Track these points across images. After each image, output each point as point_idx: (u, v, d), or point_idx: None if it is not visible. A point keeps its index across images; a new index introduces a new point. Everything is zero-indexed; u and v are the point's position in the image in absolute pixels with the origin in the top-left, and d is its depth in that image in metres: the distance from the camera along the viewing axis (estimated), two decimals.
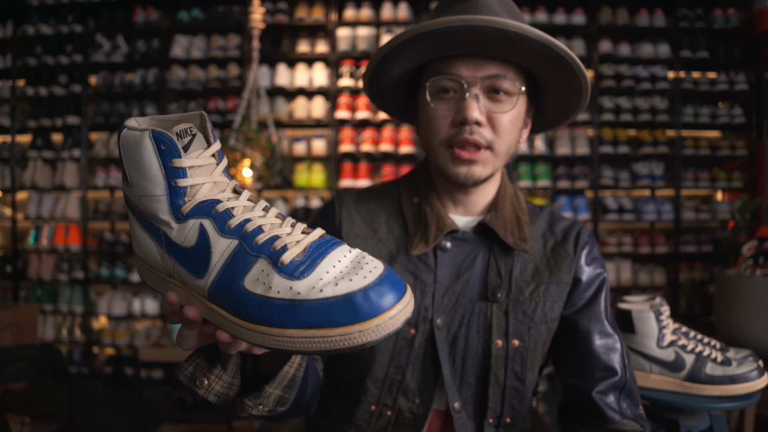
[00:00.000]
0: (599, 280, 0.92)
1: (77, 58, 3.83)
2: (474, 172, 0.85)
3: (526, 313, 0.87)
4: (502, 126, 0.83)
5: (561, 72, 0.85)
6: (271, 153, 3.19)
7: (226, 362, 0.64)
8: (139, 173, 0.51)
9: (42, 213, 3.86)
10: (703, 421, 1.18)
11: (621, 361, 0.87)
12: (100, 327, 3.94)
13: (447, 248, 0.89)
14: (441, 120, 0.85)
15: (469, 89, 0.82)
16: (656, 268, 3.81)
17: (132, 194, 0.53)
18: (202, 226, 0.50)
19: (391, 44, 0.83)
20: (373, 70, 0.89)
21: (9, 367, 1.95)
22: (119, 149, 0.52)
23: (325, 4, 3.79)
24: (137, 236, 0.55)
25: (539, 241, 0.93)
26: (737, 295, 1.80)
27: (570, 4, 3.76)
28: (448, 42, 0.80)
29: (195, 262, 0.50)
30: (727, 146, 3.75)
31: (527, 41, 0.78)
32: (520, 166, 3.75)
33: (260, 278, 0.47)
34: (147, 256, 0.54)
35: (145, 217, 0.53)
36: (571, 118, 0.96)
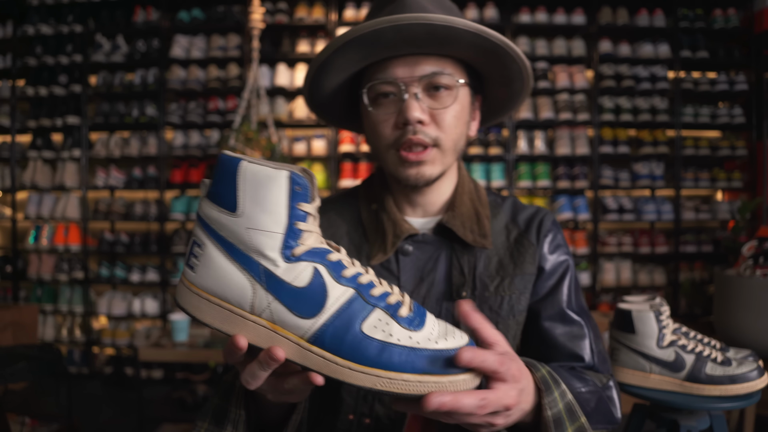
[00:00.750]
0: (563, 267, 0.91)
1: (77, 58, 3.83)
2: (424, 172, 0.84)
3: (493, 308, 0.86)
4: (446, 122, 0.83)
5: (498, 60, 0.84)
6: (271, 153, 3.19)
7: (236, 423, 0.65)
8: (258, 206, 0.52)
9: (42, 213, 3.86)
10: (703, 421, 1.18)
11: (588, 347, 0.86)
12: (100, 327, 3.94)
13: (409, 252, 0.88)
14: (383, 124, 0.83)
15: (408, 89, 0.81)
16: (656, 268, 3.81)
17: (230, 223, 0.52)
18: (317, 270, 0.52)
19: (322, 55, 0.81)
20: (311, 83, 0.87)
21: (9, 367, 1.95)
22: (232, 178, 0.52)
23: (325, 4, 3.79)
24: (216, 267, 0.53)
25: (502, 234, 0.92)
26: (737, 295, 1.80)
27: (570, 4, 3.76)
28: (380, 45, 0.79)
29: (305, 302, 0.51)
30: (727, 146, 3.75)
31: (457, 33, 0.77)
32: (520, 166, 3.75)
33: (379, 326, 0.51)
34: (224, 289, 0.53)
35: (243, 249, 0.53)
36: (518, 105, 0.96)
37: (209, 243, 0.54)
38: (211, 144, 3.75)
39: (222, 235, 0.53)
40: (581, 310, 0.90)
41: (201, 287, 0.54)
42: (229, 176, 0.52)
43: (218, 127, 3.81)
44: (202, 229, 0.54)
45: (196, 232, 0.55)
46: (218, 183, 0.53)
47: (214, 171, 0.55)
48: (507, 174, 3.72)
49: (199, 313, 0.54)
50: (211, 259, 0.53)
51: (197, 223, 0.56)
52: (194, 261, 0.54)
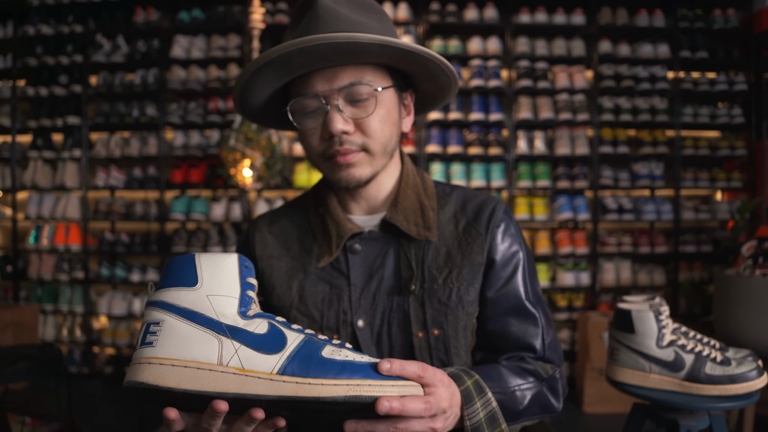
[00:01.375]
0: (516, 258, 0.91)
1: (78, 58, 3.83)
2: (354, 173, 0.86)
3: (441, 300, 0.87)
4: (371, 128, 0.84)
5: (415, 62, 0.85)
6: (271, 153, 3.20)
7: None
8: (216, 279, 0.62)
9: (42, 213, 3.86)
10: (703, 421, 1.19)
11: (540, 338, 0.88)
12: (100, 327, 3.95)
13: (357, 250, 0.91)
14: (311, 136, 0.86)
15: (329, 102, 0.82)
16: (656, 268, 3.81)
17: (195, 295, 0.61)
18: (272, 323, 0.62)
19: (241, 79, 0.84)
20: (240, 101, 0.90)
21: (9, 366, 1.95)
22: (189, 263, 0.63)
23: None
24: (178, 334, 0.59)
25: (450, 224, 0.93)
26: (736, 294, 1.80)
27: (570, 4, 3.77)
28: (292, 66, 0.81)
29: (269, 343, 0.59)
30: (727, 146, 3.76)
31: (363, 46, 0.78)
32: (520, 166, 3.76)
33: (334, 353, 0.60)
34: (190, 350, 0.58)
35: (203, 313, 0.60)
36: (450, 95, 0.96)
37: (168, 317, 0.60)
38: (212, 144, 3.76)
39: (183, 307, 0.60)
40: (537, 301, 0.91)
41: (164, 356, 0.58)
42: (187, 263, 0.63)
43: (218, 127, 3.81)
44: (158, 310, 0.61)
45: (149, 317, 0.61)
46: (175, 271, 0.63)
47: (165, 269, 0.64)
48: (507, 174, 3.72)
49: (162, 380, 0.57)
50: (172, 328, 0.59)
51: (150, 310, 0.61)
52: (152, 338, 0.59)
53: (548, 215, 3.76)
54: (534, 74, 3.72)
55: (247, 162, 3.13)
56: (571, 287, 3.68)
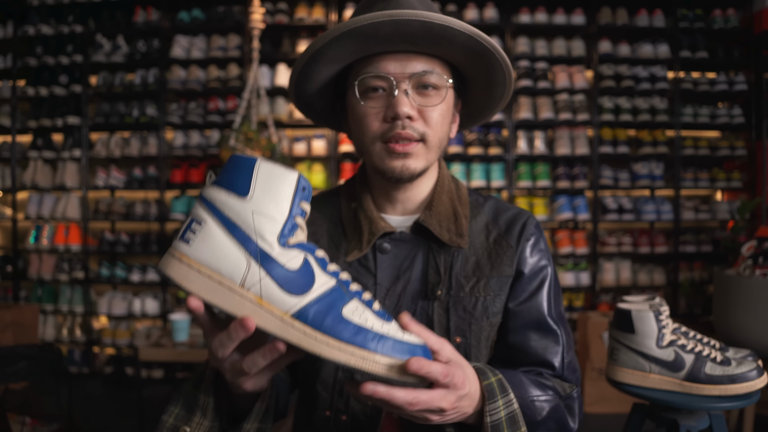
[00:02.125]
0: (543, 273, 0.91)
1: (78, 58, 3.83)
2: (409, 165, 0.85)
3: (467, 309, 0.86)
4: (434, 119, 0.84)
5: (485, 64, 0.86)
6: (271, 153, 3.19)
7: (205, 408, 0.67)
8: (268, 195, 0.59)
9: (42, 213, 3.86)
10: (703, 421, 1.19)
11: (560, 355, 0.88)
12: (100, 327, 3.95)
13: (386, 250, 0.89)
14: (372, 117, 0.84)
15: (399, 85, 0.82)
16: (656, 268, 3.81)
17: (241, 206, 0.58)
18: (307, 259, 0.59)
19: (317, 44, 0.81)
20: (299, 72, 0.88)
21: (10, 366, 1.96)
22: (248, 170, 0.59)
23: (325, 5, 3.79)
24: (214, 240, 0.58)
25: (481, 234, 0.92)
26: (736, 294, 1.80)
27: (570, 4, 3.77)
28: (374, 39, 0.80)
29: (294, 282, 0.57)
30: (727, 146, 3.76)
31: (452, 33, 0.79)
32: (520, 166, 3.76)
33: (356, 312, 0.58)
34: (219, 262, 0.57)
35: (244, 229, 0.58)
36: (495, 111, 0.97)
37: (210, 220, 0.58)
38: (212, 144, 3.76)
39: (226, 215, 0.58)
40: (560, 318, 0.90)
41: (195, 259, 0.57)
42: (245, 168, 0.59)
43: (218, 127, 3.82)
44: (204, 208, 0.59)
45: (196, 211, 0.59)
46: (232, 172, 0.59)
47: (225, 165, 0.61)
48: (507, 174, 3.72)
49: (186, 282, 0.57)
50: (210, 234, 0.58)
51: (199, 204, 0.60)
52: (190, 235, 0.58)
53: (548, 215, 3.76)
54: (534, 74, 3.72)
55: None
56: (571, 287, 3.68)
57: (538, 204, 3.74)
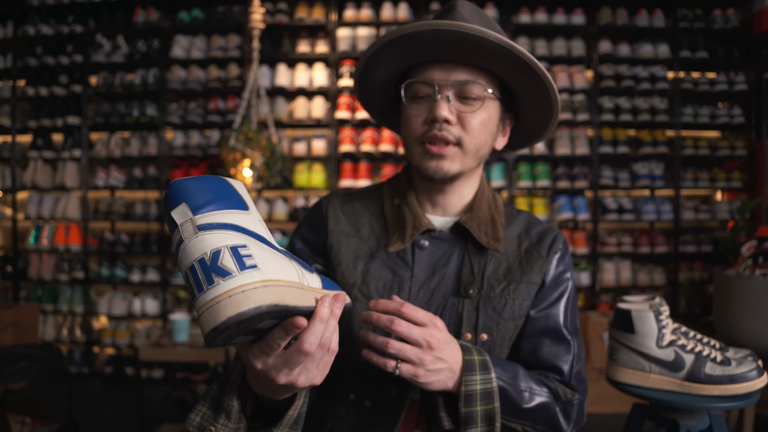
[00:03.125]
0: (564, 285, 0.96)
1: (78, 58, 3.83)
2: (443, 166, 0.90)
3: (496, 309, 0.91)
4: (471, 125, 0.89)
5: (527, 78, 0.90)
6: (271, 153, 3.19)
7: (229, 412, 0.70)
8: (251, 202, 0.61)
9: (42, 213, 3.86)
10: (703, 421, 1.19)
11: (569, 363, 0.92)
12: (100, 327, 3.95)
13: (425, 246, 0.95)
14: (415, 118, 0.91)
15: (441, 91, 0.88)
16: (656, 268, 3.81)
17: (249, 219, 0.58)
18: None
19: (370, 50, 0.90)
20: (360, 75, 0.96)
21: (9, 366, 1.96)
22: (235, 186, 0.60)
23: (325, 5, 3.79)
24: (270, 257, 0.56)
25: (514, 242, 0.98)
26: (736, 294, 1.80)
27: (570, 4, 3.77)
28: (419, 47, 0.87)
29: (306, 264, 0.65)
30: (727, 146, 3.76)
31: (489, 44, 0.83)
32: (520, 166, 3.76)
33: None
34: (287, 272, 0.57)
35: (265, 237, 0.59)
36: (549, 129, 1.00)
37: (249, 241, 0.54)
38: (212, 144, 3.76)
39: (251, 230, 0.56)
40: (574, 330, 0.95)
41: (276, 278, 0.54)
42: (226, 186, 0.58)
43: (218, 127, 3.82)
44: (232, 234, 0.54)
45: (225, 239, 0.53)
46: (220, 193, 0.57)
47: (199, 189, 0.56)
48: (507, 174, 3.72)
49: (286, 299, 0.54)
50: (260, 252, 0.54)
51: (220, 232, 0.54)
52: (249, 261, 0.53)
53: (548, 215, 3.75)
54: None
55: (247, 162, 3.13)
56: None
57: (538, 204, 3.74)
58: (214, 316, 0.49)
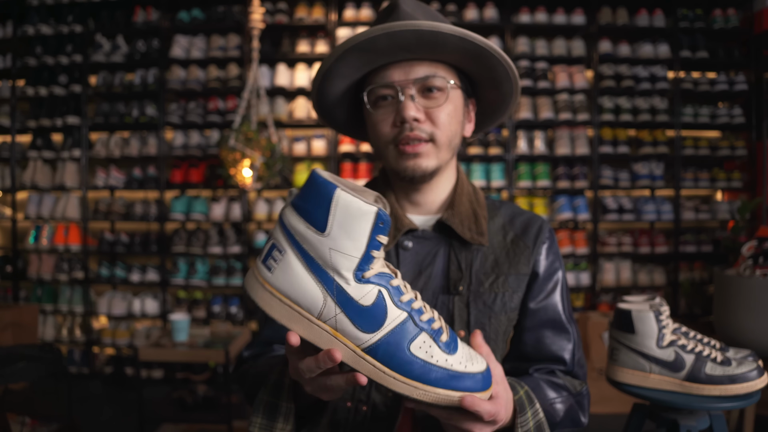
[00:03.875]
0: (557, 275, 0.97)
1: (77, 58, 3.83)
2: (420, 164, 0.90)
3: (486, 303, 0.92)
4: (440, 119, 0.89)
5: (485, 62, 0.90)
6: (271, 153, 3.19)
7: (287, 414, 0.74)
8: (344, 231, 0.59)
9: (42, 213, 3.86)
10: (703, 421, 1.18)
11: (571, 352, 0.94)
12: (100, 327, 3.95)
13: (408, 247, 0.94)
14: (383, 123, 0.90)
15: (404, 91, 0.88)
16: (656, 268, 3.81)
17: (319, 242, 0.60)
18: (381, 293, 0.61)
19: (326, 63, 0.89)
20: (318, 89, 0.94)
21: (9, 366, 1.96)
22: (327, 202, 0.59)
23: (325, 5, 3.79)
24: (294, 274, 0.60)
25: (499, 234, 0.97)
26: (737, 295, 1.80)
27: (570, 4, 3.77)
28: (375, 52, 0.86)
29: (367, 319, 0.60)
30: (727, 146, 3.76)
31: (443, 38, 0.83)
32: (520, 166, 3.76)
33: (423, 347, 0.61)
34: (298, 294, 0.60)
35: (322, 264, 0.60)
36: (509, 107, 1.01)
37: (290, 251, 0.61)
38: (211, 144, 3.76)
39: (305, 248, 0.60)
40: (571, 318, 0.97)
41: (276, 287, 0.61)
42: (323, 199, 0.59)
43: (218, 127, 3.81)
44: (285, 237, 0.61)
45: (277, 237, 0.62)
46: (310, 201, 0.60)
47: (305, 187, 0.61)
48: (507, 174, 3.72)
49: (269, 309, 0.61)
50: (290, 266, 0.60)
51: (280, 230, 0.62)
52: (272, 263, 0.61)
53: (548, 215, 3.75)
54: (534, 74, 3.72)
55: (247, 162, 3.13)
56: (572, 287, 3.68)
57: (538, 204, 3.74)
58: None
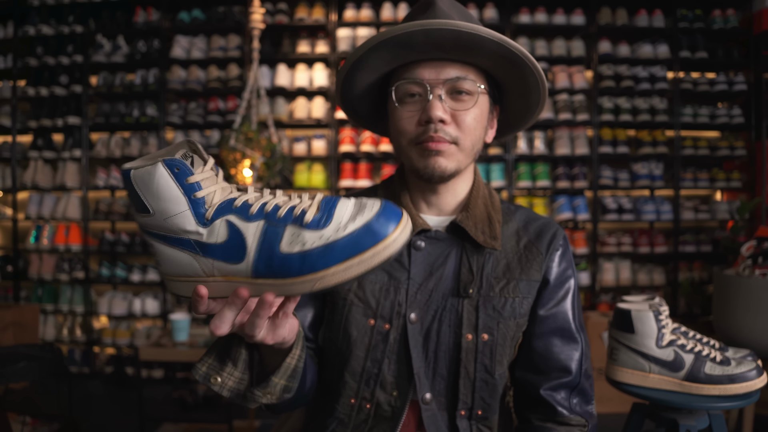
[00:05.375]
0: (569, 283, 0.97)
1: (78, 58, 3.83)
2: (440, 163, 0.88)
3: (496, 308, 0.91)
4: (466, 123, 0.88)
5: (517, 70, 0.89)
6: (271, 153, 3.20)
7: (236, 360, 0.72)
8: (159, 199, 0.59)
9: (43, 213, 3.86)
10: (702, 421, 1.19)
11: (578, 362, 0.94)
12: (100, 327, 3.95)
13: (421, 247, 0.93)
14: (408, 120, 0.89)
15: (433, 91, 0.87)
16: (655, 268, 3.82)
17: (154, 221, 0.61)
18: (229, 221, 0.60)
19: (358, 52, 0.87)
20: (344, 79, 0.93)
21: (10, 366, 1.96)
22: (132, 188, 0.60)
23: (325, 5, 3.79)
24: (166, 256, 0.62)
25: (512, 239, 0.97)
26: (736, 294, 1.81)
27: (569, 4, 3.77)
28: (409, 48, 0.85)
29: (232, 251, 0.60)
30: (726, 146, 3.76)
31: (481, 41, 0.83)
32: (520, 166, 3.76)
33: (293, 240, 0.58)
34: (180, 269, 0.62)
35: (173, 235, 0.61)
36: (534, 118, 1.00)
37: (154, 241, 0.62)
38: (212, 144, 3.76)
39: (154, 233, 0.62)
40: (581, 327, 0.97)
41: (168, 274, 0.64)
42: (128, 187, 0.60)
43: (218, 127, 3.82)
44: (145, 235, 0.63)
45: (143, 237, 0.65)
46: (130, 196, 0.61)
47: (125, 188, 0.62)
48: (506, 174, 3.73)
49: (179, 291, 0.64)
50: (161, 252, 0.62)
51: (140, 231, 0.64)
52: (157, 258, 0.63)
53: (548, 215, 3.76)
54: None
55: (247, 162, 3.14)
56: None
57: (538, 204, 3.74)
58: None
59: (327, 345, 0.96)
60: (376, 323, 0.90)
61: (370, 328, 0.91)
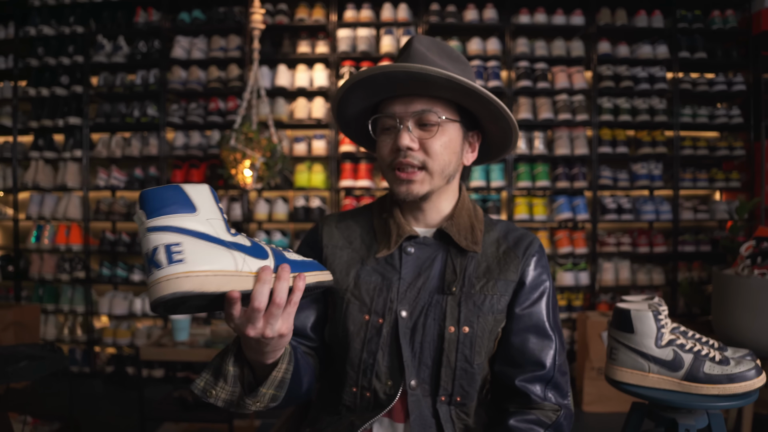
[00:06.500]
0: (543, 286, 1.07)
1: (79, 58, 3.84)
2: (412, 189, 1.02)
3: (476, 303, 1.02)
4: (433, 149, 1.00)
5: (476, 99, 0.99)
6: (271, 153, 3.20)
7: (227, 376, 0.84)
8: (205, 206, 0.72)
9: (44, 213, 3.87)
10: (701, 420, 1.19)
11: (552, 357, 1.03)
12: (101, 326, 3.96)
13: (410, 252, 1.07)
14: (384, 148, 1.04)
15: (402, 122, 1.00)
16: (655, 267, 3.82)
17: (196, 220, 0.70)
18: (249, 237, 0.77)
19: (338, 93, 1.03)
20: (336, 111, 1.08)
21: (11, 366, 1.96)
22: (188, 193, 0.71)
23: (325, 5, 3.80)
24: (203, 250, 0.69)
25: (493, 245, 1.09)
26: (735, 294, 1.81)
27: (569, 4, 3.78)
28: (378, 88, 1.00)
29: (258, 251, 0.75)
30: (726, 146, 3.77)
31: (434, 78, 0.94)
32: (520, 166, 3.77)
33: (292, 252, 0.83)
34: (215, 262, 0.69)
35: (211, 234, 0.71)
36: (512, 141, 1.09)
37: (185, 239, 0.68)
38: (212, 144, 3.77)
39: (193, 230, 0.69)
40: (556, 326, 1.07)
41: (198, 269, 0.67)
42: (180, 193, 0.70)
43: (219, 127, 3.82)
44: (170, 234, 0.67)
45: (162, 239, 0.67)
46: (170, 200, 0.69)
47: (153, 199, 0.68)
48: (506, 174, 3.74)
49: (203, 287, 0.67)
50: (194, 248, 0.68)
51: (159, 234, 0.67)
52: (178, 256, 0.66)
53: (547, 215, 3.77)
54: (533, 75, 3.73)
55: (248, 162, 3.14)
56: (571, 287, 3.70)
57: (538, 204, 3.75)
58: (151, 295, 0.66)
59: (332, 340, 1.08)
60: (371, 318, 1.03)
61: (365, 322, 1.03)
